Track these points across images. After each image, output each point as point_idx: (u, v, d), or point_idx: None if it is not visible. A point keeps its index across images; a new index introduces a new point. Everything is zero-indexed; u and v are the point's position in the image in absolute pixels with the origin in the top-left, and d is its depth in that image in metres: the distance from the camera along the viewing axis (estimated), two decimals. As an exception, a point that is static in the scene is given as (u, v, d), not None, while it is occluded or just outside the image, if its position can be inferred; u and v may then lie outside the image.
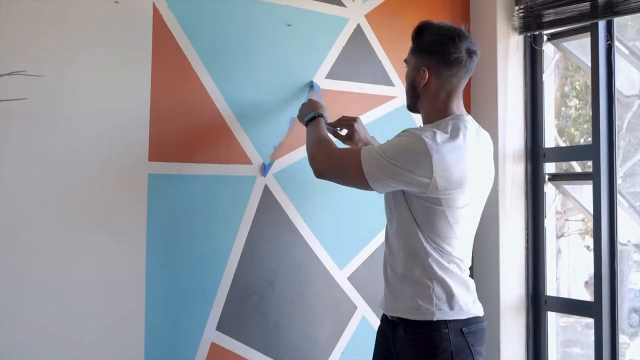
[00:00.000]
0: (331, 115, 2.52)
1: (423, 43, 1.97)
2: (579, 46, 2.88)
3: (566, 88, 4.09)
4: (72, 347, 1.98)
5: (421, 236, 1.89)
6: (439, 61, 1.94)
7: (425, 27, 1.99)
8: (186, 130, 2.21)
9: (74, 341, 1.98)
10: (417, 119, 2.32)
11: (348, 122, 2.33)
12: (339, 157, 1.98)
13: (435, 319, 1.86)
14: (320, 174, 1.99)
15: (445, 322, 1.86)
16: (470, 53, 1.94)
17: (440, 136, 1.83)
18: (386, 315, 2.01)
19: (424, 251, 1.88)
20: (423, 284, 1.88)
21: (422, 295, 1.88)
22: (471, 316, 1.91)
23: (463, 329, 1.87)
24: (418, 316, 1.88)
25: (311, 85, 2.46)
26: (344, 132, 2.34)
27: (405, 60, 2.06)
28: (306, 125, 2.18)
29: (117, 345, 2.06)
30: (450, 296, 1.88)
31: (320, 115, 2.17)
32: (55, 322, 1.96)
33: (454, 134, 1.86)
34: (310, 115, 2.17)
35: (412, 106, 2.05)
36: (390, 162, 1.83)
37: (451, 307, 1.88)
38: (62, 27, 1.99)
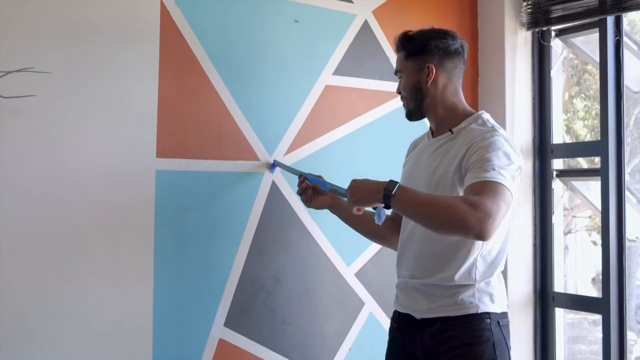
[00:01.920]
0: (335, 114, 2.52)
1: (417, 45, 1.97)
2: (587, 42, 2.87)
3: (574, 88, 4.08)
4: (79, 340, 1.99)
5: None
6: (440, 55, 1.97)
7: (410, 34, 2.00)
8: (194, 127, 2.21)
9: (80, 335, 1.99)
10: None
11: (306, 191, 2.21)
12: (495, 200, 1.68)
13: (479, 311, 1.87)
14: (491, 232, 1.66)
15: (488, 313, 1.88)
16: (463, 45, 2.01)
17: (502, 131, 1.92)
18: (409, 317, 1.97)
19: (471, 252, 1.87)
20: (466, 283, 1.88)
21: (464, 292, 1.88)
22: (504, 310, 1.94)
23: (499, 322, 1.90)
24: (460, 311, 1.88)
25: (273, 165, 2.33)
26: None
27: (398, 71, 2.03)
28: (387, 206, 1.73)
29: (125, 341, 2.06)
30: (491, 290, 1.90)
31: (395, 183, 1.73)
32: (61, 315, 1.96)
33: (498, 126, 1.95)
34: (387, 191, 1.71)
35: (417, 110, 2.01)
36: (509, 169, 1.77)
37: (492, 301, 1.90)
38: (69, 23, 1.99)
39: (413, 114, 2.04)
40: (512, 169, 1.78)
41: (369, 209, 1.82)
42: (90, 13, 2.02)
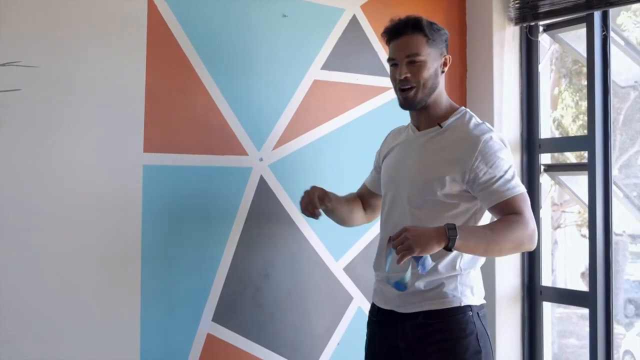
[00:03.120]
0: (323, 109, 2.52)
1: (438, 32, 1.98)
2: (575, 37, 2.88)
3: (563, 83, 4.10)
4: (65, 334, 1.99)
5: None
6: (447, 47, 2.01)
7: (426, 20, 1.98)
8: (181, 121, 2.20)
9: (67, 329, 1.99)
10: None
11: (312, 202, 2.04)
12: (529, 210, 1.85)
13: (462, 304, 1.90)
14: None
15: (470, 306, 1.91)
16: None
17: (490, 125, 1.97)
18: (389, 310, 1.99)
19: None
20: (450, 276, 1.91)
21: (448, 285, 1.91)
22: (483, 302, 1.98)
23: (479, 313, 1.93)
24: (443, 304, 1.90)
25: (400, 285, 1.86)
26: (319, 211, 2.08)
27: (417, 54, 1.92)
28: (450, 248, 1.74)
29: (113, 335, 2.06)
30: (472, 283, 1.94)
31: (453, 225, 1.75)
32: (47, 309, 1.96)
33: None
34: (452, 233, 1.72)
35: (423, 101, 1.95)
36: (513, 167, 1.91)
37: (472, 293, 1.93)
38: (56, 17, 1.98)
39: (416, 104, 1.96)
40: (513, 163, 1.91)
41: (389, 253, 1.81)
42: (77, 7, 2.01)
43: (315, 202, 2.03)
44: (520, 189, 1.87)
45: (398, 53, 1.96)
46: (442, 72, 1.98)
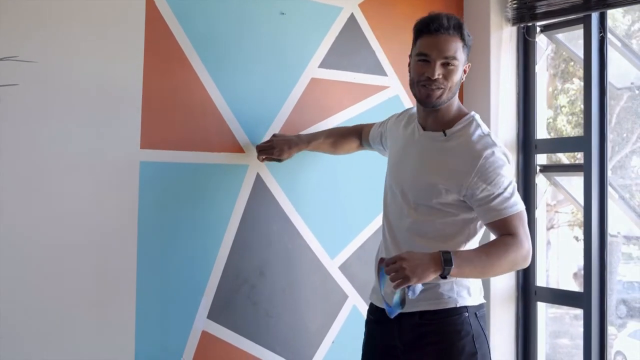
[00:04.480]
0: (321, 107, 2.52)
1: (469, 38, 1.95)
2: (572, 38, 2.89)
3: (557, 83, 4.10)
4: (59, 331, 1.98)
5: (465, 242, 1.94)
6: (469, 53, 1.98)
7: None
8: (178, 118, 2.20)
9: (62, 327, 1.98)
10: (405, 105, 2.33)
11: (268, 149, 2.30)
12: (525, 230, 1.86)
13: (457, 305, 1.91)
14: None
15: (466, 307, 1.91)
16: None
17: (495, 137, 1.95)
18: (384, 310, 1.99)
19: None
20: (447, 280, 1.89)
21: (443, 285, 1.91)
22: (481, 302, 1.98)
23: (477, 313, 1.93)
24: (439, 305, 1.91)
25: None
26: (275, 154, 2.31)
27: (454, 58, 1.89)
28: (445, 276, 1.76)
29: (108, 334, 2.05)
30: (468, 283, 1.93)
31: (448, 253, 1.76)
32: (43, 304, 1.95)
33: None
34: (448, 263, 1.75)
35: (444, 104, 1.94)
36: (514, 183, 1.90)
37: (469, 294, 1.93)
38: (54, 13, 1.97)
39: (437, 104, 1.93)
40: (514, 179, 1.92)
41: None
42: (75, 2, 2.00)
43: (261, 153, 2.30)
44: (518, 207, 1.86)
45: (434, 51, 1.89)
46: (463, 78, 1.97)
